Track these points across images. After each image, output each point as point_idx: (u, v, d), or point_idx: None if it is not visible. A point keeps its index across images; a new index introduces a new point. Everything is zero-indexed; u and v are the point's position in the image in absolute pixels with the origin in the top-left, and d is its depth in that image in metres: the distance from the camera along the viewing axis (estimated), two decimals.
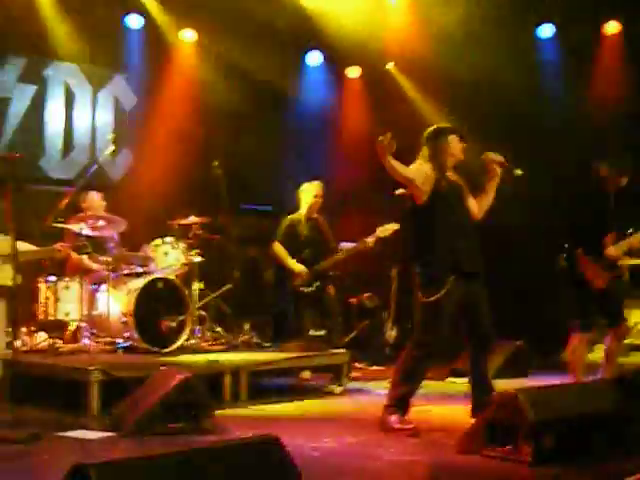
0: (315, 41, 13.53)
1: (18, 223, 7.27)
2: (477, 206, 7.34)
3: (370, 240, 9.69)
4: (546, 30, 13.13)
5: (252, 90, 12.79)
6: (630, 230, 8.26)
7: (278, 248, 10.17)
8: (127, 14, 12.34)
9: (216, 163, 10.57)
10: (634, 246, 8.27)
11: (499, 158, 7.22)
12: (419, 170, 7.11)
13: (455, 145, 7.23)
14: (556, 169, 11.88)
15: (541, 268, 11.78)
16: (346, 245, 10.06)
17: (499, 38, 12.08)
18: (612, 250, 8.17)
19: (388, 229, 9.65)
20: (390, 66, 13.81)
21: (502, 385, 7.70)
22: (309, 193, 10.15)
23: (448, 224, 7.09)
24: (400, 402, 7.10)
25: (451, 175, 7.27)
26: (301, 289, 10.03)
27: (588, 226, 8.24)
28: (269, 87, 13.00)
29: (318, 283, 10.04)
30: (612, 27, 12.77)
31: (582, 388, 6.80)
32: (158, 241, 10.04)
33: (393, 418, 7.02)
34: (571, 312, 8.37)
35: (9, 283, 6.87)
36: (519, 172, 7.14)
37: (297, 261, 10.06)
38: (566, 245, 8.38)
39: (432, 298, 7.02)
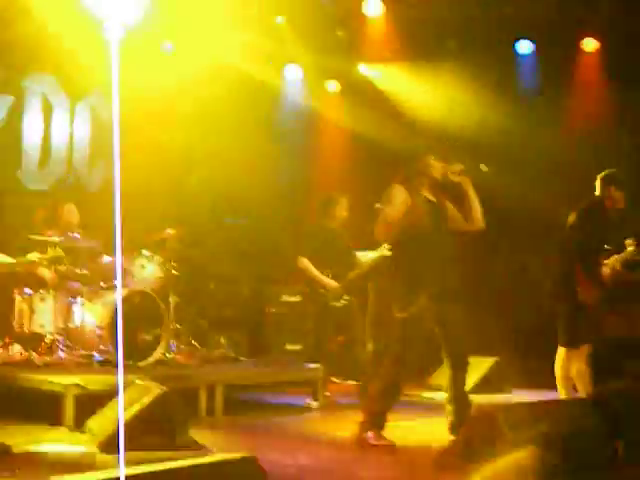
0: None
1: None
2: (470, 218, 7.31)
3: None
4: (524, 47, 13.18)
5: (233, 99, 12.75)
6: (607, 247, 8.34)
7: (306, 263, 9.95)
8: (107, 25, 12.26)
9: (194, 178, 10.55)
10: (629, 259, 8.35)
11: (457, 167, 7.19)
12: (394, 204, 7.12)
13: (433, 165, 7.20)
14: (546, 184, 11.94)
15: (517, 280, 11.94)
16: (364, 255, 9.94)
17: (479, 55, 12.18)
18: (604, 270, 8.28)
19: None
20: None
21: (480, 400, 7.69)
22: (333, 205, 10.07)
23: (423, 247, 7.07)
24: (377, 418, 7.09)
25: (429, 195, 7.24)
26: (331, 304, 9.94)
27: (588, 243, 8.27)
28: (251, 95, 12.94)
29: (347, 297, 9.99)
30: (590, 44, 12.85)
31: (560, 405, 6.80)
32: (134, 254, 9.99)
33: (370, 434, 7.01)
34: (560, 327, 8.38)
35: None
36: (484, 168, 7.15)
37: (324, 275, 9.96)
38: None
39: (404, 314, 7.04)
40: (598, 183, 8.45)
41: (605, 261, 8.34)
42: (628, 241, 8.48)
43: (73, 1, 10.82)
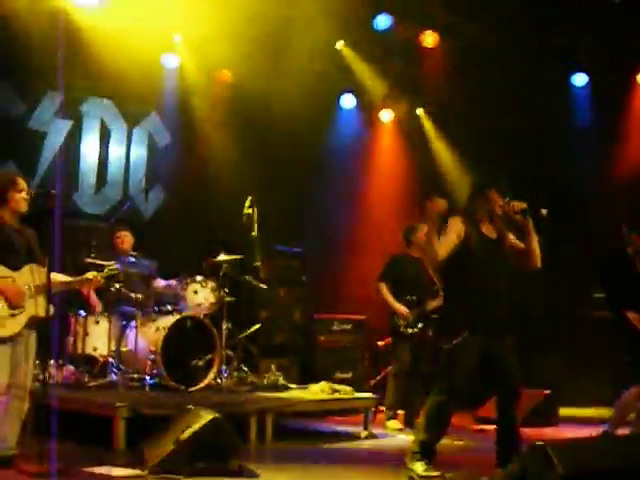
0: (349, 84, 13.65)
1: (52, 257, 7.30)
2: (527, 258, 7.28)
3: None
4: (579, 79, 13.20)
5: (289, 131, 12.85)
6: None
7: (383, 288, 10.21)
8: (164, 53, 12.42)
9: (249, 201, 10.57)
10: None
11: (520, 205, 7.15)
12: (451, 230, 7.13)
13: (494, 199, 7.19)
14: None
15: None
16: None
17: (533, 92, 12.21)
18: None
19: None
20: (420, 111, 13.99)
21: (529, 433, 7.63)
22: (414, 234, 10.16)
23: (472, 281, 7.07)
24: (425, 449, 7.05)
25: (487, 229, 7.23)
26: (403, 330, 10.01)
27: (628, 280, 8.29)
28: (305, 129, 13.03)
29: (421, 325, 10.02)
30: None
31: (612, 441, 6.75)
32: (188, 279, 10.08)
33: (418, 465, 6.97)
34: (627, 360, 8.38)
35: (42, 314, 6.88)
36: (544, 212, 7.09)
37: (401, 301, 10.07)
38: (598, 295, 8.46)
39: (447, 347, 7.03)
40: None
41: None
42: None
43: (133, 29, 11.06)
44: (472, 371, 7.08)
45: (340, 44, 12.77)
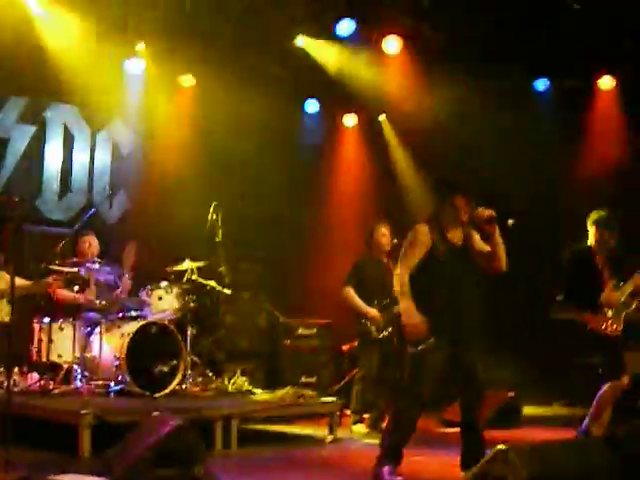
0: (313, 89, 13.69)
1: (15, 264, 7.29)
2: (493, 260, 7.27)
3: None
4: (541, 84, 13.33)
5: (252, 136, 12.88)
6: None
7: (349, 292, 10.10)
8: (127, 59, 12.40)
9: (213, 209, 10.60)
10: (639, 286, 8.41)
11: (488, 213, 7.19)
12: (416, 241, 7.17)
13: (461, 206, 7.18)
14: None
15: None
16: None
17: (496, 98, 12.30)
18: (609, 297, 8.32)
19: None
20: (382, 117, 14.05)
21: (494, 435, 7.69)
22: (377, 234, 10.18)
23: (438, 287, 7.11)
24: (392, 452, 7.09)
25: (454, 236, 7.28)
26: (374, 334, 10.00)
27: (584, 286, 8.36)
28: (270, 133, 13.06)
29: (390, 329, 10.00)
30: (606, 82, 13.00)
31: (575, 444, 6.81)
32: (153, 285, 10.08)
33: (385, 469, 7.00)
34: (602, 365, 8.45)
35: (6, 319, 6.86)
36: (510, 222, 7.13)
37: (368, 305, 10.01)
38: (559, 297, 8.51)
39: (413, 351, 7.07)
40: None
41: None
42: None
43: (95, 34, 11.05)
44: (438, 375, 7.12)
45: (303, 48, 12.76)
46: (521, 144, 12.81)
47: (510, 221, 7.13)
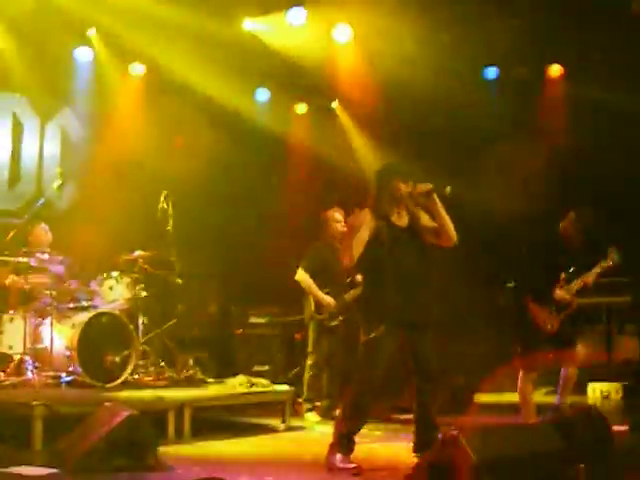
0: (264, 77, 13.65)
1: None
2: (442, 234, 7.30)
3: None
4: (491, 72, 13.37)
5: (204, 121, 12.84)
6: (571, 269, 8.44)
7: (304, 276, 10.07)
8: (76, 47, 12.31)
9: (162, 198, 10.56)
10: (588, 284, 8.45)
11: (425, 187, 7.18)
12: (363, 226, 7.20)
13: (398, 187, 7.25)
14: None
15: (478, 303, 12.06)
16: None
17: (445, 80, 12.30)
18: (562, 293, 8.35)
19: None
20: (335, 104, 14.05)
21: (446, 420, 7.74)
22: (331, 219, 10.17)
23: (386, 273, 7.13)
24: (345, 440, 7.12)
25: (397, 218, 7.30)
26: (327, 322, 9.99)
27: (540, 273, 8.40)
28: (222, 118, 13.02)
29: (341, 317, 10.00)
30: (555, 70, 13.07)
31: (524, 428, 6.89)
32: (103, 275, 10.03)
33: (337, 457, 7.03)
34: (517, 351, 8.50)
35: None
36: (448, 190, 7.16)
37: (321, 291, 10.00)
38: (509, 284, 8.57)
39: (365, 338, 7.12)
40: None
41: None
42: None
43: (45, 22, 10.95)
44: (390, 362, 7.17)
45: (254, 35, 12.69)
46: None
47: (447, 188, 7.16)
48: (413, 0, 11.33)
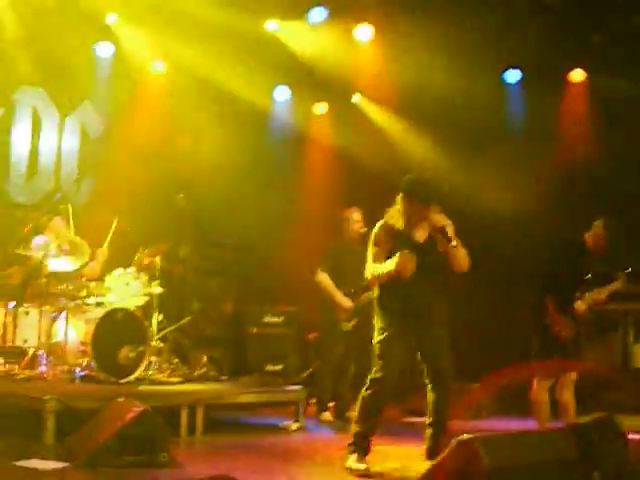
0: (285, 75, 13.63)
1: None
2: (452, 263, 7.21)
3: None
4: (512, 76, 13.29)
5: (223, 122, 12.82)
6: (588, 275, 8.41)
7: (324, 278, 10.03)
8: (97, 42, 12.33)
9: (181, 196, 10.56)
10: (599, 300, 8.42)
11: (439, 223, 7.08)
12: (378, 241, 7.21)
13: (416, 207, 7.15)
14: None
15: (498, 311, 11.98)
16: None
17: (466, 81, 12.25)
18: (580, 304, 8.32)
19: None
20: (356, 99, 13.96)
21: (459, 426, 7.70)
22: (349, 219, 10.12)
23: (397, 281, 7.07)
24: (360, 440, 7.13)
25: (416, 233, 7.25)
26: (343, 324, 9.95)
27: (563, 279, 8.36)
28: (243, 116, 13.00)
29: (357, 319, 9.95)
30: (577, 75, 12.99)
31: (538, 435, 6.83)
32: (120, 271, 10.03)
33: (353, 457, 7.05)
34: (534, 357, 8.47)
35: None
36: (454, 244, 7.07)
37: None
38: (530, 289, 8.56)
39: (378, 339, 7.12)
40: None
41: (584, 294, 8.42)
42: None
43: (65, 16, 10.95)
44: (402, 364, 7.16)
45: (275, 35, 12.69)
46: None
47: (453, 243, 7.03)
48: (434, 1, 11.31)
